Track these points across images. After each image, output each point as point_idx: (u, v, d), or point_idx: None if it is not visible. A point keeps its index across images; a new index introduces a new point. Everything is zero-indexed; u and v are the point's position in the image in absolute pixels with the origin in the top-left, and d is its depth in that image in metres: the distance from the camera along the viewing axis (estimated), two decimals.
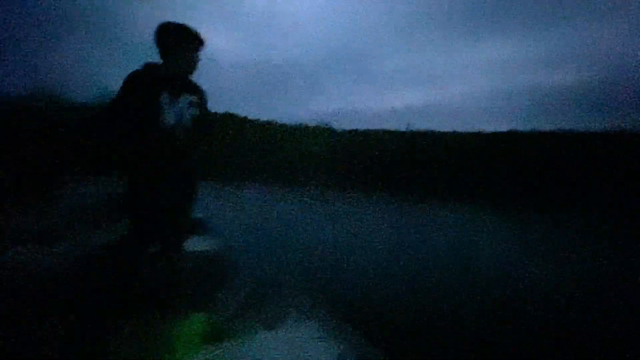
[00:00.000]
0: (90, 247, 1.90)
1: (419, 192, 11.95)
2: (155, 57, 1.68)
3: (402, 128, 15.61)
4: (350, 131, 18.13)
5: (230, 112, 20.36)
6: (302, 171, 16.55)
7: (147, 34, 1.67)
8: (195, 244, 2.15)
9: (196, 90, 1.76)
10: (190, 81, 1.75)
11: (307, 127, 20.98)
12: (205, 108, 1.80)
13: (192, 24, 1.66)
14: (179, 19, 1.66)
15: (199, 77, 1.76)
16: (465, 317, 2.45)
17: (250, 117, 22.16)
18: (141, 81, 1.58)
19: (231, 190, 12.53)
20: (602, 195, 11.66)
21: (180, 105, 1.64)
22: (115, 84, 1.59)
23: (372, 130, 16.95)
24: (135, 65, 1.63)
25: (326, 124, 20.30)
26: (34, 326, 1.47)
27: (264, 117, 22.57)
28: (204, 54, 1.75)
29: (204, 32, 1.70)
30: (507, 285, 3.26)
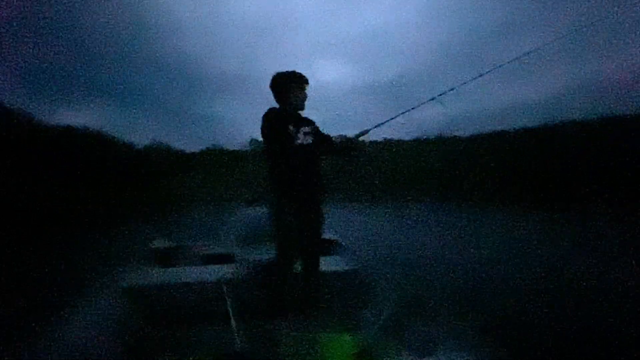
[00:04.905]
0: (250, 268, 2.12)
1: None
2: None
3: (541, 122, 13.14)
4: (478, 135, 16.50)
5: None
6: (427, 185, 15.65)
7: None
8: (332, 264, 2.21)
9: (308, 122, 1.97)
10: (300, 115, 1.96)
11: (427, 139, 20.02)
12: (320, 134, 1.97)
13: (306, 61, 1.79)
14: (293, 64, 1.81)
15: (317, 108, 1.88)
16: None
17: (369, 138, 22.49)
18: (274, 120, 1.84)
19: (360, 209, 12.75)
20: None
21: (300, 135, 1.84)
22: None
23: (501, 130, 14.95)
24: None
25: (449, 133, 19.07)
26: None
27: (381, 137, 22.71)
28: (319, 86, 1.86)
29: (317, 67, 1.82)
30: None
